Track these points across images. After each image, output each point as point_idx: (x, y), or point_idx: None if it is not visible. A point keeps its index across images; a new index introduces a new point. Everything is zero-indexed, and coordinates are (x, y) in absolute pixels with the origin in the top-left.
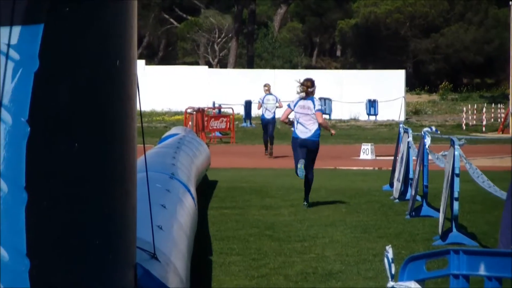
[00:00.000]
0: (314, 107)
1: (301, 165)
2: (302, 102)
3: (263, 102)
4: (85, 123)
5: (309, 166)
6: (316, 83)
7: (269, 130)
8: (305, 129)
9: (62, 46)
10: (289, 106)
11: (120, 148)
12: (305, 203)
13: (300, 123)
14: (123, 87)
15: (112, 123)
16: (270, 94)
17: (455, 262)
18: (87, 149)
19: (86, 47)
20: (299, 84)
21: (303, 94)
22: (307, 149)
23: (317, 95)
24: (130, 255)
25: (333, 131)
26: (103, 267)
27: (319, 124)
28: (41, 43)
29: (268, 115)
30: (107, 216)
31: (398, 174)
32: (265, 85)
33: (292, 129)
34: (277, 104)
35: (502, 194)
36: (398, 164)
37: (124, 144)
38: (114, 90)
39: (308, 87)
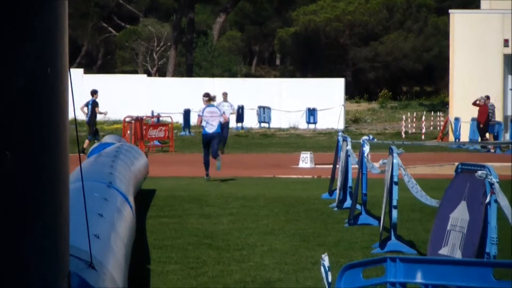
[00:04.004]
0: (220, 111)
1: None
2: (208, 109)
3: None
4: (17, 132)
5: (216, 150)
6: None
7: None
8: (212, 126)
9: None
10: (198, 115)
11: (52, 157)
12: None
13: (209, 123)
14: (55, 95)
15: (43, 131)
16: (226, 101)
17: (392, 270)
18: (19, 157)
19: (17, 55)
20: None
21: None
22: (214, 139)
23: (256, 103)
24: (64, 264)
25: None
26: (34, 275)
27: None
28: None
29: None
30: (39, 224)
31: (338, 182)
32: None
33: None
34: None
35: (433, 203)
36: (337, 173)
37: (56, 153)
38: (46, 98)
39: (210, 98)
